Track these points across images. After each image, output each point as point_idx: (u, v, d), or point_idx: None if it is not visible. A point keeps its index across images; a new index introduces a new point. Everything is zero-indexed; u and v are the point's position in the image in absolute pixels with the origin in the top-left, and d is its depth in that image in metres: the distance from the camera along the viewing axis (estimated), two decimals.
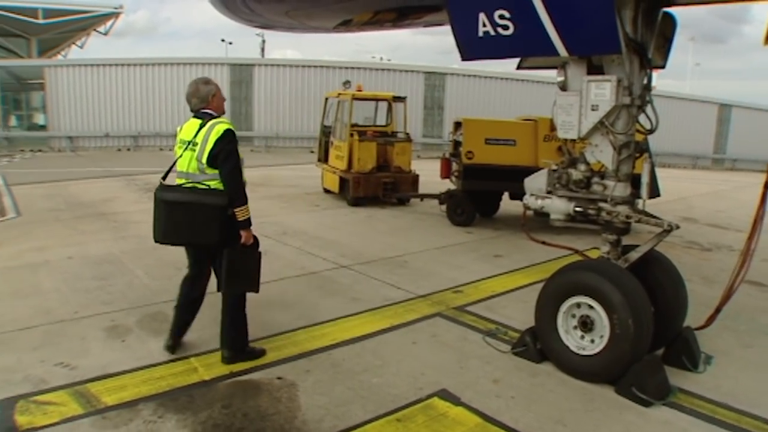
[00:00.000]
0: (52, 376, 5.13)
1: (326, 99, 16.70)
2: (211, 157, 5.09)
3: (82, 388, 4.93)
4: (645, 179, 5.26)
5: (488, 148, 11.58)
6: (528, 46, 5.60)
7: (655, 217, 5.30)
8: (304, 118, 30.94)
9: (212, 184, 5.20)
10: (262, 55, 54.23)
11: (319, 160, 16.76)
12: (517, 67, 6.80)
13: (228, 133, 5.13)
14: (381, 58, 57.59)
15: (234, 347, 5.47)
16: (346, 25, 10.12)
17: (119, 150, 30.21)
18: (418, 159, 15.23)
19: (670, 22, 5.53)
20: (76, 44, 55.91)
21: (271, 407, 4.63)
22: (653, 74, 5.47)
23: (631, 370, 4.85)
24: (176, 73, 31.00)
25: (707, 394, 5.04)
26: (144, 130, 30.72)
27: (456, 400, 4.78)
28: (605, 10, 4.81)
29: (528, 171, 10.19)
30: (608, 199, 5.39)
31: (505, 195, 12.73)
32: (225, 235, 5.14)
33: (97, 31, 51.73)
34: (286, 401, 4.73)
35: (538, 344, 5.55)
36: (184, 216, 5.07)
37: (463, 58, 6.11)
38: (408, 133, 15.45)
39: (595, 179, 5.57)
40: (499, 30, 5.51)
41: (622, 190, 5.37)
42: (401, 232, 11.55)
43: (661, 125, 5.53)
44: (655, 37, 5.41)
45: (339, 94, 15.61)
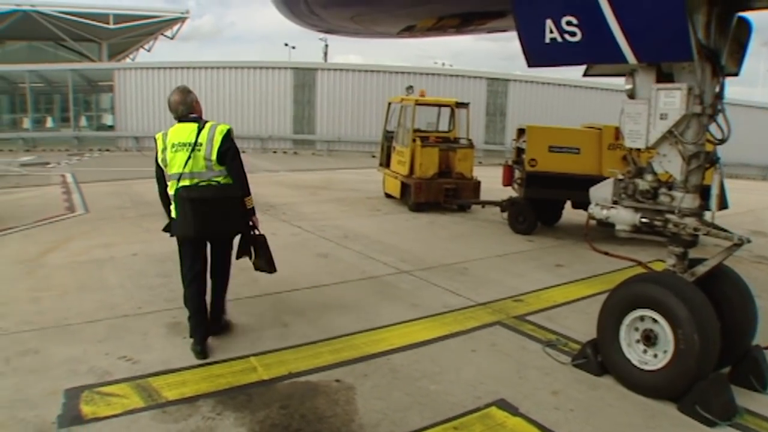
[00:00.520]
0: (116, 369, 5.29)
1: (389, 104, 16.73)
2: (220, 154, 5.53)
3: (144, 381, 5.06)
4: (715, 191, 5.11)
5: (552, 156, 11.44)
6: (596, 53, 5.51)
7: (725, 230, 5.14)
8: (365, 123, 31.12)
9: (220, 180, 5.63)
10: (325, 60, 54.71)
11: (381, 165, 16.77)
12: (584, 75, 6.69)
13: (230, 132, 5.65)
14: (443, 64, 57.49)
15: (220, 324, 6.08)
16: (410, 31, 10.13)
17: None
18: (480, 165, 15.15)
19: (745, 28, 5.33)
20: (144, 48, 57.57)
21: (329, 410, 4.65)
22: (726, 82, 5.30)
23: (695, 387, 4.70)
24: (241, 77, 31.55)
25: None
26: None
27: (514, 411, 4.72)
28: (676, 16, 4.68)
29: (592, 180, 10.03)
30: (676, 211, 5.25)
31: (568, 203, 12.56)
32: (244, 223, 5.83)
33: (164, 35, 53.18)
34: (344, 404, 4.75)
35: (599, 357, 5.44)
36: (213, 210, 5.50)
37: (530, 65, 6.06)
38: (470, 140, 15.35)
39: (663, 190, 5.44)
40: (567, 36, 5.44)
41: (690, 201, 5.23)
42: (462, 239, 11.49)
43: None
44: (729, 42, 5.24)
45: (402, 100, 15.61)
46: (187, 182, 5.52)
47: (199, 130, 5.57)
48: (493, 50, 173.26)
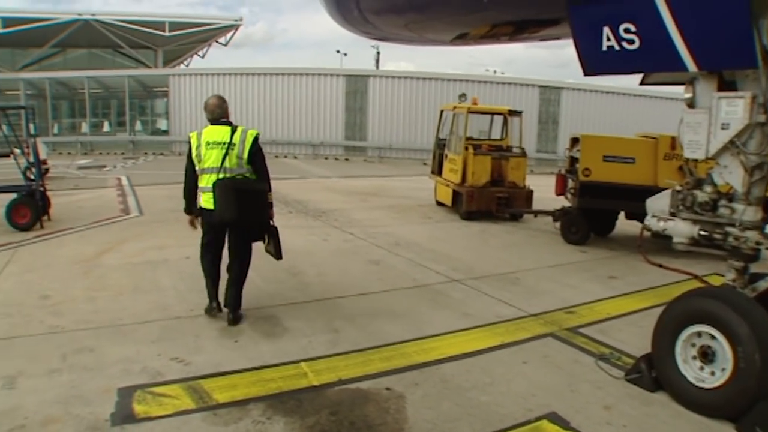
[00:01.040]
0: (168, 370, 5.39)
1: (441, 112, 16.73)
2: (251, 154, 6.51)
3: (196, 383, 5.14)
4: None
5: (606, 166, 11.26)
6: (654, 61, 5.41)
7: None
8: (417, 130, 31.09)
9: (248, 175, 6.58)
10: (377, 67, 54.89)
11: (433, 173, 16.75)
12: (641, 83, 6.59)
13: (258, 136, 6.65)
14: (495, 71, 57.20)
15: (239, 309, 6.75)
16: (463, 39, 10.11)
17: None
18: (531, 174, 15.05)
19: None
20: (198, 54, 58.56)
21: (378, 418, 4.64)
22: None
23: (755, 407, 4.54)
24: (293, 83, 31.86)
25: None
26: (261, 138, 31.46)
27: (565, 425, 4.65)
28: (740, 21, 4.56)
29: (647, 190, 9.89)
30: (736, 224, 5.12)
31: (621, 214, 12.36)
32: (265, 213, 6.67)
33: (217, 42, 54.09)
34: (394, 413, 4.73)
35: (654, 372, 5.31)
36: (248, 201, 6.39)
37: (586, 73, 5.98)
38: (523, 148, 15.25)
39: (723, 202, 5.31)
40: (624, 44, 5.36)
41: (752, 214, 5.09)
42: (514, 248, 11.39)
43: None
44: None
45: (454, 107, 15.59)
46: (224, 175, 6.38)
47: (232, 132, 6.50)
48: (545, 58, 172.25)
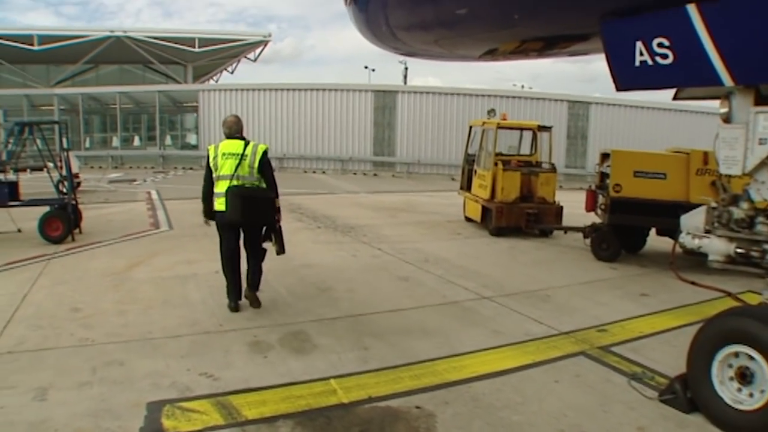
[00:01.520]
0: (197, 385, 5.40)
1: (470, 127, 16.67)
2: (261, 164, 7.48)
3: (225, 399, 5.13)
4: None
5: (637, 182, 11.15)
6: (689, 76, 5.34)
7: None
8: (445, 145, 31.04)
9: (257, 183, 7.53)
10: (405, 82, 54.95)
11: (462, 188, 16.67)
12: (674, 98, 6.49)
13: (267, 150, 7.63)
14: (522, 86, 57.01)
15: (257, 287, 7.88)
16: (492, 54, 10.07)
17: None
18: (560, 189, 14.91)
19: None
20: (227, 70, 59.08)
21: None
22: None
23: None
24: (322, 99, 32.01)
25: None
26: (289, 153, 31.76)
27: None
28: None
29: (678, 206, 9.83)
30: None
31: (652, 230, 12.22)
32: (272, 217, 7.69)
33: (246, 58, 54.43)
34: None
35: (689, 393, 5.20)
36: (256, 206, 7.42)
37: (618, 89, 5.92)
38: (553, 164, 15.14)
39: (760, 219, 5.21)
40: (658, 59, 5.30)
41: None
42: (544, 265, 11.28)
43: None
44: None
45: (483, 123, 15.51)
46: (236, 182, 7.34)
47: (245, 145, 7.48)
48: (572, 72, 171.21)
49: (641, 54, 5.41)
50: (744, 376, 4.79)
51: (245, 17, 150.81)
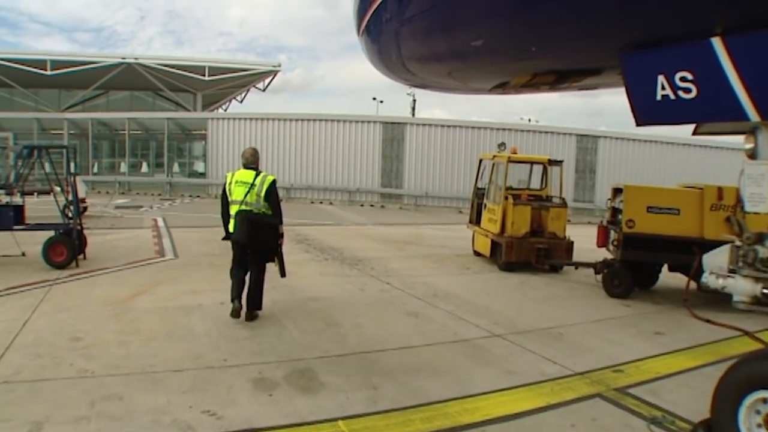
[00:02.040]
0: (199, 423, 5.19)
1: (480, 160, 16.55)
2: (267, 193, 8.33)
3: None
4: None
5: (650, 217, 10.99)
6: (713, 111, 5.20)
7: None
8: (453, 178, 30.95)
9: (264, 210, 8.39)
10: (413, 114, 55.06)
11: (471, 222, 16.49)
12: (694, 133, 6.35)
13: (274, 181, 8.51)
14: (529, 120, 57.09)
15: (257, 308, 8.59)
16: (503, 87, 10.05)
17: None
18: (568, 224, 14.72)
19: None
20: (236, 99, 59.51)
21: None
22: None
23: None
24: (330, 129, 32.00)
25: None
26: (296, 183, 31.69)
27: None
28: None
29: (692, 242, 9.67)
30: None
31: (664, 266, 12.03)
32: (275, 241, 8.57)
33: (255, 87, 54.86)
34: None
35: None
36: (260, 229, 8.33)
37: (638, 123, 5.78)
38: (564, 198, 15.00)
39: None
40: (680, 93, 5.17)
41: None
42: (555, 302, 11.05)
43: None
44: None
45: (494, 156, 15.40)
46: (245, 208, 8.26)
47: (256, 175, 8.37)
48: (579, 106, 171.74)
49: (663, 88, 5.28)
50: None
51: (255, 47, 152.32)
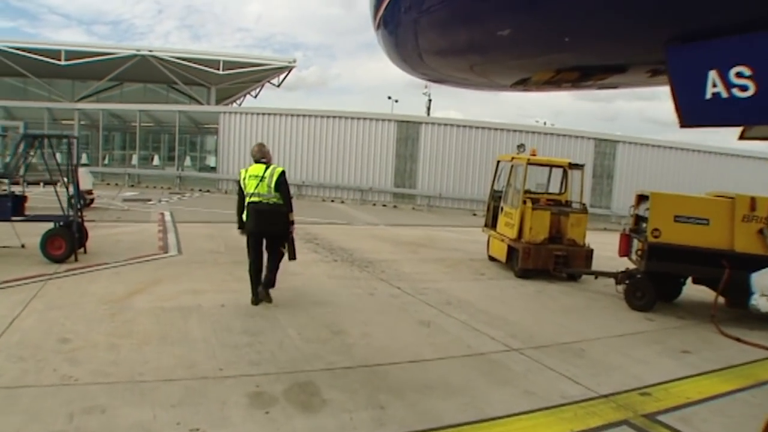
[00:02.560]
0: None
1: (498, 162, 15.96)
2: (277, 184, 8.91)
3: None
4: None
5: (678, 227, 10.41)
6: None
7: None
8: (468, 180, 30.43)
9: (275, 200, 8.97)
10: (428, 114, 54.55)
11: (486, 226, 15.89)
12: (740, 137, 5.81)
13: (283, 172, 9.08)
14: (544, 123, 56.49)
15: (271, 286, 9.31)
16: (524, 84, 9.59)
17: None
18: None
19: None
20: (250, 94, 59.35)
21: None
22: None
23: None
24: (344, 126, 31.51)
25: None
26: (308, 180, 31.24)
27: None
28: None
29: (722, 255, 9.17)
30: None
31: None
32: (286, 229, 9.13)
33: (270, 83, 54.63)
34: None
35: None
36: (270, 218, 8.99)
37: (683, 125, 5.22)
38: (584, 204, 14.43)
39: None
40: (735, 91, 4.61)
41: None
42: (574, 313, 10.47)
43: None
44: None
45: (512, 158, 14.80)
46: (257, 199, 8.94)
47: (266, 168, 9.01)
48: (593, 110, 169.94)
49: (714, 85, 4.72)
50: None
51: (272, 44, 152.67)
